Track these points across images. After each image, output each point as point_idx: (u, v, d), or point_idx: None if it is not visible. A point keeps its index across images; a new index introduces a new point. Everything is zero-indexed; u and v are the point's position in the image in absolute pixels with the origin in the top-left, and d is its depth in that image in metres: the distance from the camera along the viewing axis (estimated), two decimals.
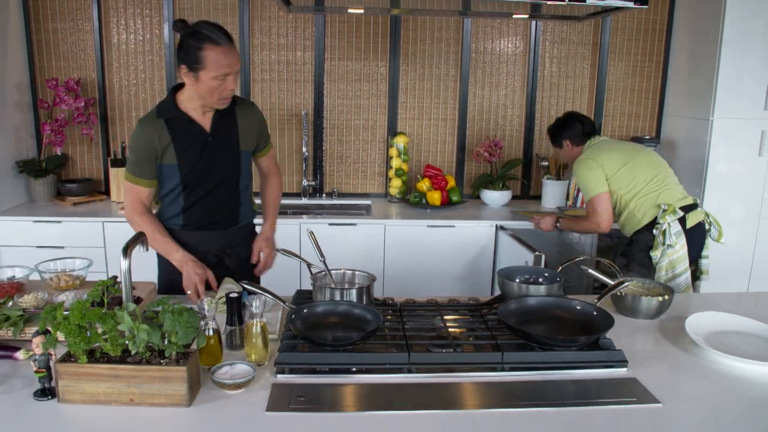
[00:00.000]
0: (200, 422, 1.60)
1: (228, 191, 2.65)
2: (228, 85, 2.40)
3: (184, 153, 2.51)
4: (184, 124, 2.50)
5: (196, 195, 2.58)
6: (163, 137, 2.48)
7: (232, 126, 2.59)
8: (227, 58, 2.34)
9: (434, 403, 1.69)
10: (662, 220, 3.20)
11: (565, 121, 3.67)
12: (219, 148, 2.56)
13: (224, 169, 2.60)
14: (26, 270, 2.42)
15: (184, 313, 1.64)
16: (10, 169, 4.14)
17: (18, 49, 4.25)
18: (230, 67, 2.36)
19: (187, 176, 2.54)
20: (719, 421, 1.66)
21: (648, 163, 3.39)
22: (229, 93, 2.44)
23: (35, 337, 1.69)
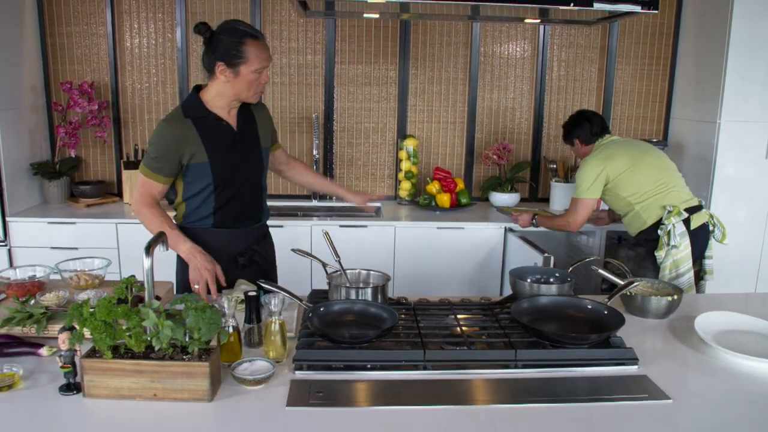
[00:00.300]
0: (222, 417, 1.64)
1: (252, 188, 2.71)
2: (263, 78, 2.49)
3: (216, 152, 2.54)
4: (212, 123, 2.54)
5: (226, 194, 2.61)
6: (191, 137, 2.50)
7: (253, 124, 2.67)
8: (265, 51, 2.46)
9: (449, 398, 1.74)
10: (667, 221, 3.24)
11: (575, 120, 3.74)
12: (246, 146, 2.63)
13: (250, 166, 2.67)
14: (46, 269, 2.47)
15: (207, 309, 1.68)
16: (24, 171, 4.19)
17: (33, 53, 4.31)
18: (268, 60, 2.48)
19: (219, 175, 2.57)
20: (728, 417, 1.70)
21: (653, 165, 3.43)
22: (263, 86, 2.54)
23: (61, 334, 1.73)
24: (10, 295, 2.28)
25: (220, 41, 2.42)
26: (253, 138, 2.67)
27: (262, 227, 2.84)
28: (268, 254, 2.88)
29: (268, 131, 2.78)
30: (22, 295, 2.23)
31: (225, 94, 2.51)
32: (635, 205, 3.40)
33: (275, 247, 2.94)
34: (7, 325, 2.02)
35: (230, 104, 2.56)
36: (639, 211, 3.39)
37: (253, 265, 2.74)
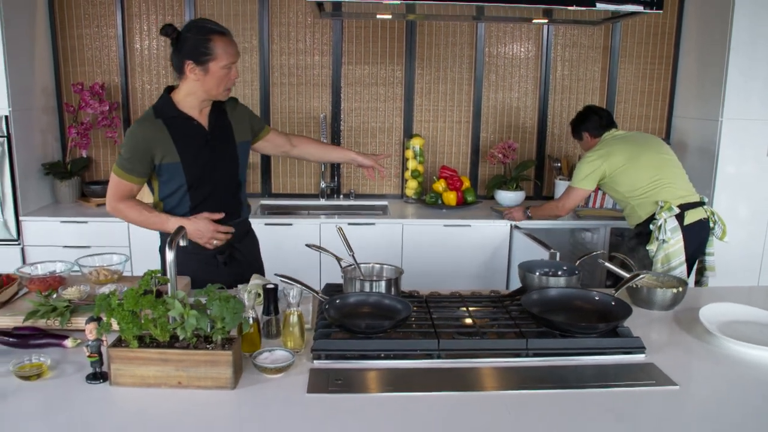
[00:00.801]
0: (245, 403, 1.70)
1: (229, 186, 2.72)
2: (233, 74, 2.53)
3: (187, 152, 2.56)
4: (183, 123, 2.56)
5: (202, 193, 2.63)
6: (162, 137, 2.53)
7: (226, 120, 2.68)
8: (233, 47, 2.50)
9: (463, 385, 1.80)
10: (658, 216, 3.34)
11: (584, 114, 3.84)
12: (219, 144, 2.64)
13: (225, 164, 2.68)
14: (66, 265, 2.53)
15: (231, 300, 1.75)
16: (36, 171, 4.26)
17: (44, 55, 4.37)
18: (236, 56, 2.52)
19: (192, 175, 2.59)
20: (733, 402, 1.76)
21: (651, 163, 3.50)
22: (233, 82, 2.56)
23: (88, 324, 1.79)
24: (33, 289, 2.34)
25: (187, 40, 2.45)
26: (226, 135, 2.68)
27: (243, 223, 2.85)
28: (250, 251, 2.90)
29: (246, 123, 2.79)
30: (44, 290, 2.29)
31: (195, 92, 2.54)
32: (630, 200, 3.51)
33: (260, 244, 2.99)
34: (32, 318, 2.09)
35: (201, 103, 2.58)
36: (635, 206, 3.51)
37: (233, 262, 2.76)
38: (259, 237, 2.99)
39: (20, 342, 2.00)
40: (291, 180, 4.73)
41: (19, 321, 2.10)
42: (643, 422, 1.64)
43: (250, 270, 2.79)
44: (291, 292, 2.00)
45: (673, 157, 3.60)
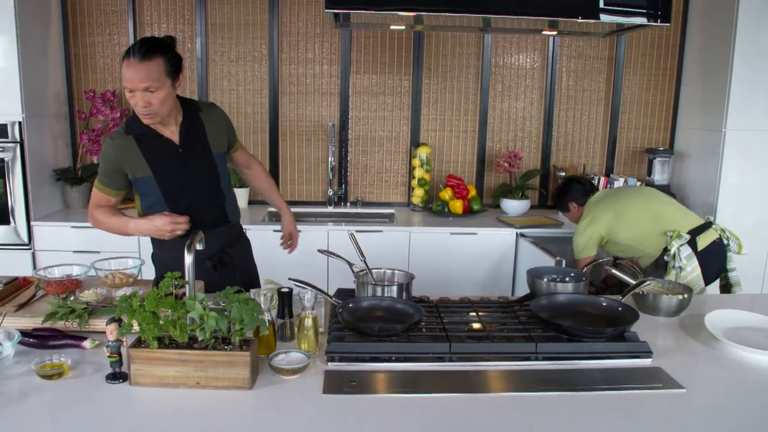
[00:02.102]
0: (262, 403, 1.75)
1: (211, 195, 2.71)
2: (135, 101, 2.39)
3: (158, 167, 2.56)
4: (153, 140, 2.54)
5: (181, 205, 2.62)
6: (133, 153, 2.53)
7: (200, 131, 2.63)
8: (132, 72, 2.34)
9: (475, 387, 1.85)
10: (670, 246, 3.32)
11: (566, 186, 3.89)
12: (192, 157, 2.61)
13: (202, 177, 2.66)
14: (82, 268, 2.58)
15: (249, 302, 1.79)
16: (47, 177, 4.31)
17: (57, 62, 4.44)
18: (130, 83, 2.36)
19: (167, 189, 2.60)
20: (738, 405, 1.81)
21: (639, 205, 3.51)
22: (141, 110, 2.41)
23: (109, 325, 1.84)
24: (50, 292, 2.38)
25: None
26: (201, 147, 2.64)
27: (234, 228, 2.86)
28: (241, 255, 2.89)
29: (223, 134, 2.74)
30: (62, 292, 2.33)
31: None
32: (637, 246, 3.47)
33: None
34: (52, 319, 2.13)
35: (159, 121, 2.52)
36: (644, 249, 3.46)
37: (224, 267, 2.76)
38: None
39: (40, 343, 2.05)
40: (299, 187, 4.78)
41: (38, 322, 2.14)
42: (651, 424, 1.68)
43: (242, 275, 2.82)
44: (305, 296, 2.05)
45: (661, 194, 3.62)
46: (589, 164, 4.85)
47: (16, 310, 2.23)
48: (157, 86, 2.37)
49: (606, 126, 4.82)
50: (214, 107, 2.76)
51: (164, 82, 2.39)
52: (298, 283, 2.19)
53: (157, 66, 2.36)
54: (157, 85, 2.37)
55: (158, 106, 2.41)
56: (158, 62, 2.36)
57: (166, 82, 2.40)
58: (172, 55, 2.44)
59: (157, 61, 2.36)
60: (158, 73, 2.37)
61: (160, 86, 2.38)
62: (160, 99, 2.40)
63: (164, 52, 2.40)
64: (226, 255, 2.78)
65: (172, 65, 2.43)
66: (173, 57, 2.44)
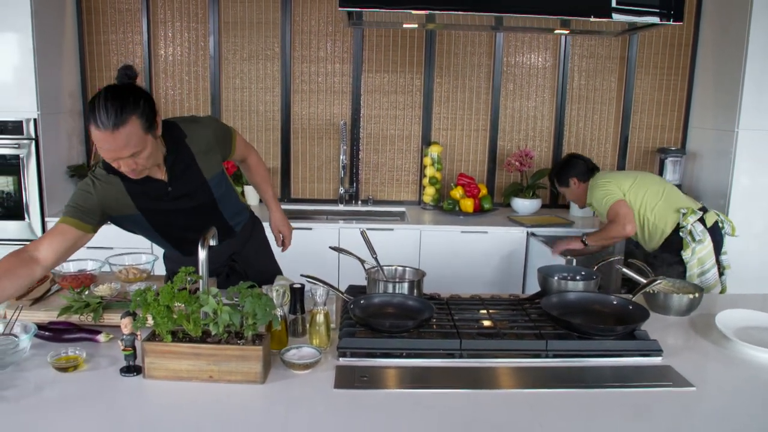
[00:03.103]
0: (274, 397, 1.77)
1: (208, 217, 2.52)
2: (124, 166, 2.13)
3: (146, 205, 2.37)
4: (138, 181, 2.27)
5: (177, 234, 2.54)
6: (119, 195, 2.31)
7: (190, 162, 2.40)
8: (108, 143, 2.03)
9: (485, 383, 1.86)
10: (685, 221, 3.37)
11: (569, 161, 3.93)
12: (183, 192, 2.41)
13: (197, 205, 2.48)
14: (97, 263, 2.61)
15: (263, 297, 1.81)
16: (61, 173, 4.35)
17: (72, 60, 4.48)
18: (112, 153, 2.06)
19: (158, 224, 2.46)
20: (749, 404, 1.81)
21: (653, 179, 3.60)
22: (132, 171, 2.16)
23: (124, 319, 1.86)
24: (65, 286, 2.41)
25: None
26: (192, 178, 2.42)
27: (242, 233, 2.78)
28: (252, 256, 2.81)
29: (215, 153, 2.50)
30: (76, 287, 2.37)
31: None
32: (648, 217, 3.51)
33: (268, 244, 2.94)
34: (66, 313, 2.16)
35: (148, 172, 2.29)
36: (655, 221, 3.50)
37: (234, 275, 2.75)
38: None
39: (55, 336, 2.08)
40: (310, 185, 4.80)
41: (53, 316, 2.18)
42: (661, 422, 1.68)
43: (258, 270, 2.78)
44: (318, 292, 2.06)
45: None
46: (601, 164, 4.84)
47: (32, 304, 2.26)
48: (141, 147, 2.09)
49: (618, 125, 4.82)
50: (198, 125, 2.47)
51: (146, 140, 2.10)
52: (310, 279, 2.21)
53: (133, 128, 2.03)
54: (141, 147, 2.08)
55: (145, 162, 2.15)
56: (134, 124, 2.03)
57: (147, 139, 2.10)
58: (143, 103, 2.08)
59: (132, 124, 2.03)
60: (138, 136, 2.06)
61: (144, 146, 2.09)
62: (146, 157, 2.13)
63: (134, 105, 2.04)
64: (235, 262, 2.78)
65: (147, 117, 2.08)
66: (144, 105, 2.08)
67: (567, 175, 3.88)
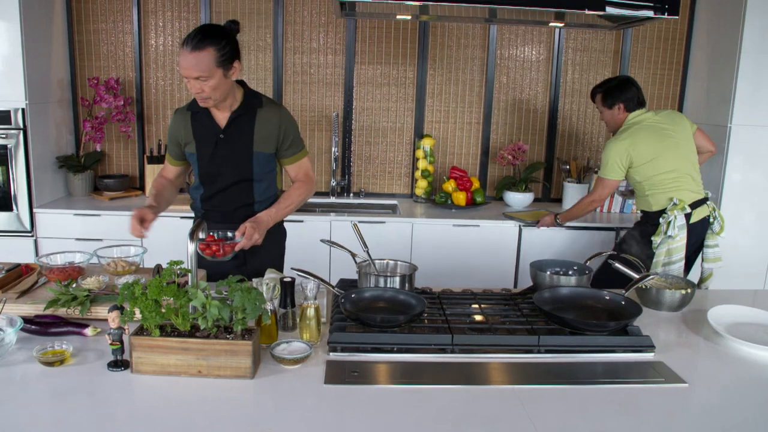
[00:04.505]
0: (264, 392, 1.75)
1: (242, 190, 2.76)
2: (191, 87, 2.52)
3: (200, 145, 2.71)
4: (202, 118, 2.69)
5: (212, 188, 2.77)
6: (187, 128, 2.72)
7: (248, 125, 2.69)
8: (183, 61, 2.47)
9: (477, 379, 1.85)
10: (670, 212, 3.37)
11: (624, 84, 3.64)
12: (231, 146, 2.69)
13: (235, 167, 2.72)
14: (85, 256, 2.58)
15: (252, 291, 1.79)
16: (50, 164, 4.31)
17: (61, 49, 4.43)
18: (185, 71, 2.48)
19: (203, 167, 2.74)
20: (740, 400, 1.81)
21: (671, 159, 3.46)
22: (198, 95, 2.54)
23: (111, 312, 1.84)
24: (52, 279, 2.39)
25: None
26: (242, 139, 2.68)
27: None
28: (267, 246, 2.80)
29: (271, 137, 2.71)
30: (64, 279, 2.34)
31: None
32: (646, 190, 3.50)
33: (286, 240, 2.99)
34: (53, 306, 2.14)
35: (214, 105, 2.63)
36: (649, 196, 3.49)
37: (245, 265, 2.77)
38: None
39: (41, 330, 2.05)
40: None
41: (40, 309, 2.15)
42: (653, 418, 1.68)
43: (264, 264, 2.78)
44: (308, 286, 2.04)
45: (693, 148, 3.56)
46: (594, 158, 4.83)
47: (18, 297, 2.23)
48: (207, 75, 2.46)
49: None
50: (277, 109, 2.76)
51: (214, 72, 2.48)
52: (300, 272, 2.19)
53: (207, 56, 2.44)
54: (207, 75, 2.46)
55: (210, 92, 2.51)
56: (209, 52, 2.45)
57: (216, 71, 2.48)
58: (226, 44, 2.50)
59: (207, 51, 2.44)
60: (208, 64, 2.45)
61: (210, 75, 2.47)
62: (212, 86, 2.50)
63: (217, 41, 2.47)
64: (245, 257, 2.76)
65: (224, 55, 2.49)
66: (226, 46, 2.50)
67: (617, 98, 3.61)
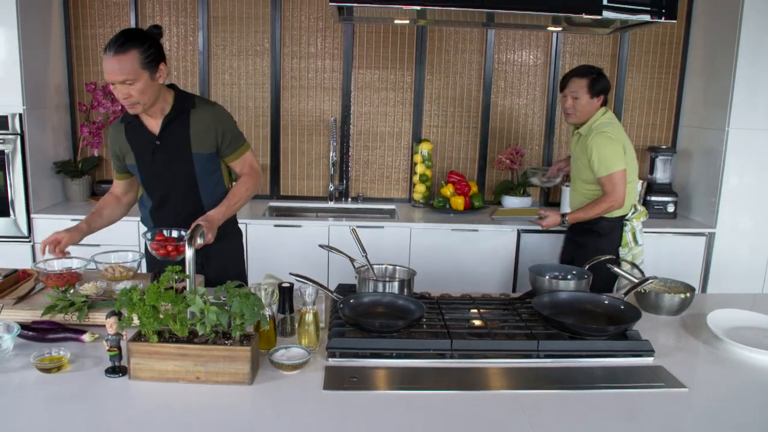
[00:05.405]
0: (263, 399, 1.74)
1: (186, 193, 2.71)
2: (118, 93, 2.46)
3: (138, 155, 2.67)
4: (136, 128, 2.64)
5: (157, 198, 2.74)
6: (122, 140, 2.67)
7: (183, 128, 2.62)
8: (109, 66, 2.40)
9: (476, 384, 1.84)
10: (636, 220, 3.35)
11: (606, 79, 3.43)
12: (168, 151, 2.64)
13: (176, 173, 2.67)
14: (82, 262, 2.57)
15: (251, 296, 1.78)
16: (48, 169, 4.30)
17: (58, 54, 4.42)
18: (110, 75, 2.41)
19: (145, 177, 2.70)
20: (740, 404, 1.80)
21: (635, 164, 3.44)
22: (126, 100, 2.48)
23: (109, 318, 1.83)
24: (49, 285, 2.37)
25: None
26: (178, 144, 2.63)
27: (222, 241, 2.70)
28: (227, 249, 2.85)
29: (209, 137, 2.65)
30: (61, 285, 2.33)
31: None
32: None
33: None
34: (51, 312, 2.13)
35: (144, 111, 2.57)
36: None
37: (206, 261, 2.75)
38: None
39: (39, 336, 2.04)
40: (300, 182, 4.77)
41: (37, 315, 2.14)
42: (653, 423, 1.68)
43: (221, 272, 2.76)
44: (306, 291, 2.04)
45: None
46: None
47: (15, 303, 2.22)
48: (133, 78, 2.41)
49: None
50: (211, 108, 2.69)
51: (140, 74, 2.42)
52: (298, 278, 2.19)
53: (131, 59, 2.39)
54: (133, 77, 2.41)
55: (138, 96, 2.46)
56: (133, 54, 2.39)
57: (142, 74, 2.42)
58: (149, 46, 2.44)
59: (131, 54, 2.39)
60: (133, 66, 2.40)
61: (136, 78, 2.42)
62: (139, 90, 2.45)
63: (140, 43, 2.41)
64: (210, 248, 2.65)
65: (148, 57, 2.43)
66: (150, 48, 2.44)
67: (605, 89, 3.40)
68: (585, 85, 3.39)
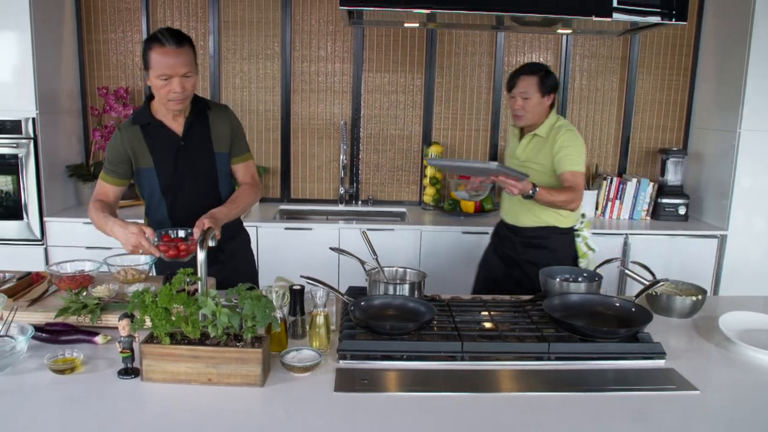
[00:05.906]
0: (274, 400, 1.75)
1: (207, 192, 2.72)
2: (172, 87, 2.44)
3: (160, 157, 2.62)
4: (156, 130, 2.61)
5: (177, 200, 2.69)
6: (138, 143, 2.60)
7: (204, 129, 2.67)
8: (167, 59, 2.40)
9: (487, 386, 1.84)
10: (586, 228, 3.21)
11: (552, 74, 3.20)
12: (193, 151, 2.66)
13: (200, 172, 2.69)
14: (95, 264, 2.58)
15: (262, 299, 1.79)
16: (60, 173, 4.33)
17: (71, 59, 4.46)
18: (170, 69, 2.41)
19: (166, 180, 2.65)
20: (753, 407, 1.80)
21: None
22: (175, 95, 2.47)
23: (121, 321, 1.85)
24: (63, 287, 2.39)
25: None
26: (202, 143, 2.67)
27: (231, 226, 2.70)
28: (238, 252, 2.88)
29: (226, 137, 2.73)
30: (74, 288, 2.34)
31: (157, 100, 2.57)
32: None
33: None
34: (64, 314, 2.14)
35: (169, 111, 2.57)
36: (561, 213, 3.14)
37: (217, 264, 2.71)
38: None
39: (52, 338, 2.06)
40: (310, 185, 4.78)
41: (51, 317, 2.16)
42: (664, 426, 1.67)
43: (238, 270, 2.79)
44: (317, 294, 2.05)
45: None
46: (602, 164, 4.83)
47: (29, 305, 2.24)
48: (192, 72, 2.47)
49: (619, 126, 4.80)
50: (225, 110, 2.78)
51: (195, 69, 2.50)
52: (309, 280, 2.20)
53: (189, 52, 2.46)
54: (192, 71, 2.47)
55: (191, 91, 2.51)
56: (189, 49, 2.47)
57: (195, 69, 2.50)
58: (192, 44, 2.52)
59: (189, 48, 2.46)
60: (191, 59, 2.47)
61: (194, 72, 2.49)
62: (192, 84, 2.50)
63: (189, 40, 2.49)
64: (221, 252, 2.74)
65: (195, 55, 2.52)
66: (192, 46, 2.52)
67: (552, 86, 3.16)
68: (535, 83, 3.12)
